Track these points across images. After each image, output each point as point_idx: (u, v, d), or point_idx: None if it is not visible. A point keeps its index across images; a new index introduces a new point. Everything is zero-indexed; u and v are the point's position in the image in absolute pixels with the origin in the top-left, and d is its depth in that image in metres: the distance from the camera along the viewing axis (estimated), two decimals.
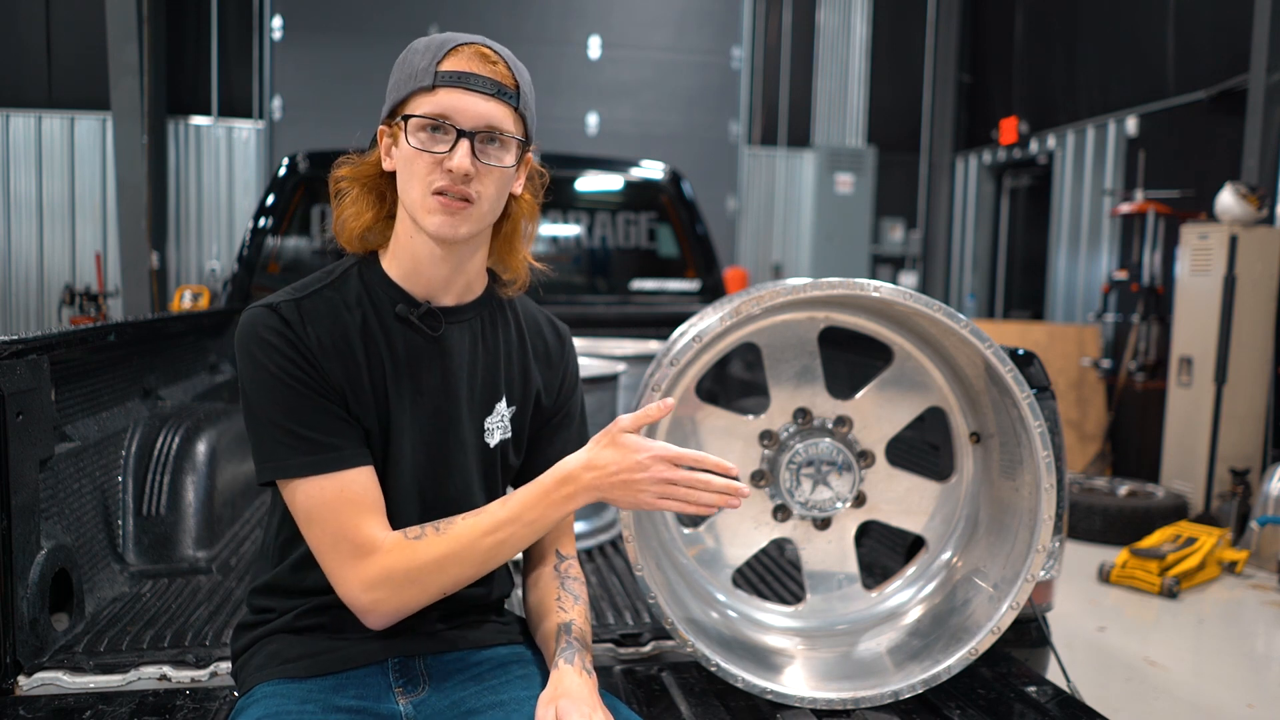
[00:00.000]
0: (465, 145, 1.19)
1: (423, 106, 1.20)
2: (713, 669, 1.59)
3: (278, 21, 8.23)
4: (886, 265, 9.43)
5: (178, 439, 2.32)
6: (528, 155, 1.30)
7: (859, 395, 1.83)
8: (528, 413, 1.40)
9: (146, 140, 7.62)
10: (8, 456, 1.58)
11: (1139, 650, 3.66)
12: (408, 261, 1.29)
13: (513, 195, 1.32)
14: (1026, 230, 8.54)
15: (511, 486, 1.39)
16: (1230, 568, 4.57)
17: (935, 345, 1.80)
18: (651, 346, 3.25)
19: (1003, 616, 1.62)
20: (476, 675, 1.29)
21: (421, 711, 1.25)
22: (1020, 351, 1.78)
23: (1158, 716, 3.13)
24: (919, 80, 9.39)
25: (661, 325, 3.53)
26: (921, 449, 2.08)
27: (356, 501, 1.19)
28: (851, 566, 1.87)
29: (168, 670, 1.66)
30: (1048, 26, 7.84)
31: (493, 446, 1.35)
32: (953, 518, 1.87)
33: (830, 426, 1.82)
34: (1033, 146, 7.89)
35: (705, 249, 4.11)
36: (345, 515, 1.18)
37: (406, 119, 1.21)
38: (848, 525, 1.86)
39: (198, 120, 8.23)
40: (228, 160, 8.29)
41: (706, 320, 1.68)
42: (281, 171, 3.79)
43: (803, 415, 1.82)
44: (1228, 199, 5.09)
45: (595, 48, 8.72)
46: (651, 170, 4.22)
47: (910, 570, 1.89)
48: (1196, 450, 5.23)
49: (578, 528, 2.51)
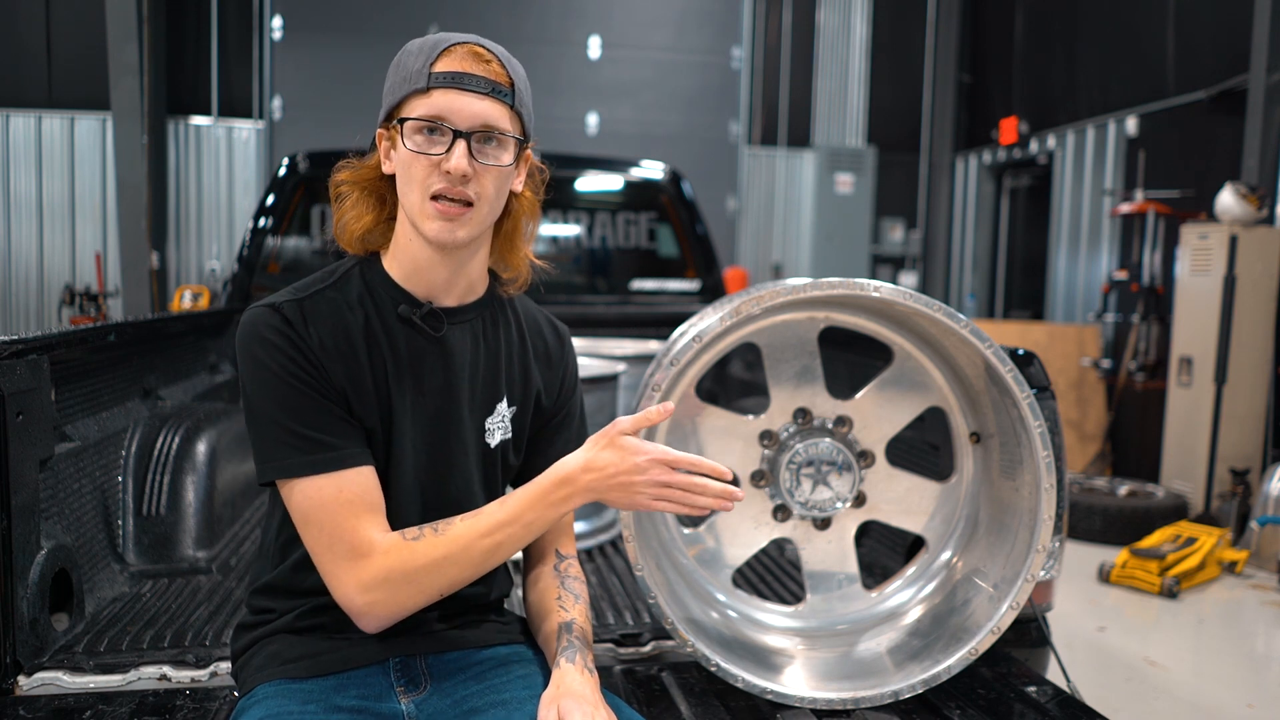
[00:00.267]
0: (462, 146, 1.19)
1: (418, 109, 1.20)
2: (713, 669, 1.59)
3: (278, 21, 8.23)
4: (886, 265, 9.43)
5: (178, 439, 2.32)
6: (527, 153, 1.30)
7: (859, 395, 1.83)
8: (528, 413, 1.40)
9: (146, 140, 7.62)
10: (8, 456, 1.58)
11: (1139, 650, 3.66)
12: (408, 263, 1.29)
13: (513, 193, 1.32)
14: (1026, 230, 8.54)
15: (511, 486, 1.39)
16: (1230, 568, 4.57)
17: (935, 345, 1.80)
18: (651, 346, 3.25)
19: (1003, 616, 1.62)
20: (478, 674, 1.29)
21: (423, 711, 1.25)
22: (1020, 351, 1.78)
23: (1158, 716, 3.13)
24: (919, 80, 9.39)
25: (661, 325, 3.53)
26: (921, 449, 2.08)
27: (354, 502, 1.19)
28: (851, 566, 1.87)
29: (168, 670, 1.66)
30: (1048, 26, 7.84)
31: (493, 447, 1.35)
32: (953, 518, 1.87)
33: (830, 426, 1.81)
34: (1033, 146, 7.89)
35: (705, 249, 4.11)
36: (342, 516, 1.18)
37: (402, 122, 1.21)
38: (848, 525, 1.86)
39: (198, 120, 8.23)
40: (228, 160, 8.29)
41: (706, 320, 1.67)
42: (281, 171, 3.79)
43: (803, 415, 1.82)
44: (1228, 199, 5.09)
45: (595, 48, 8.72)
46: (651, 170, 4.22)
47: (910, 570, 1.89)
48: (1196, 450, 5.23)
49: (578, 528, 2.51)
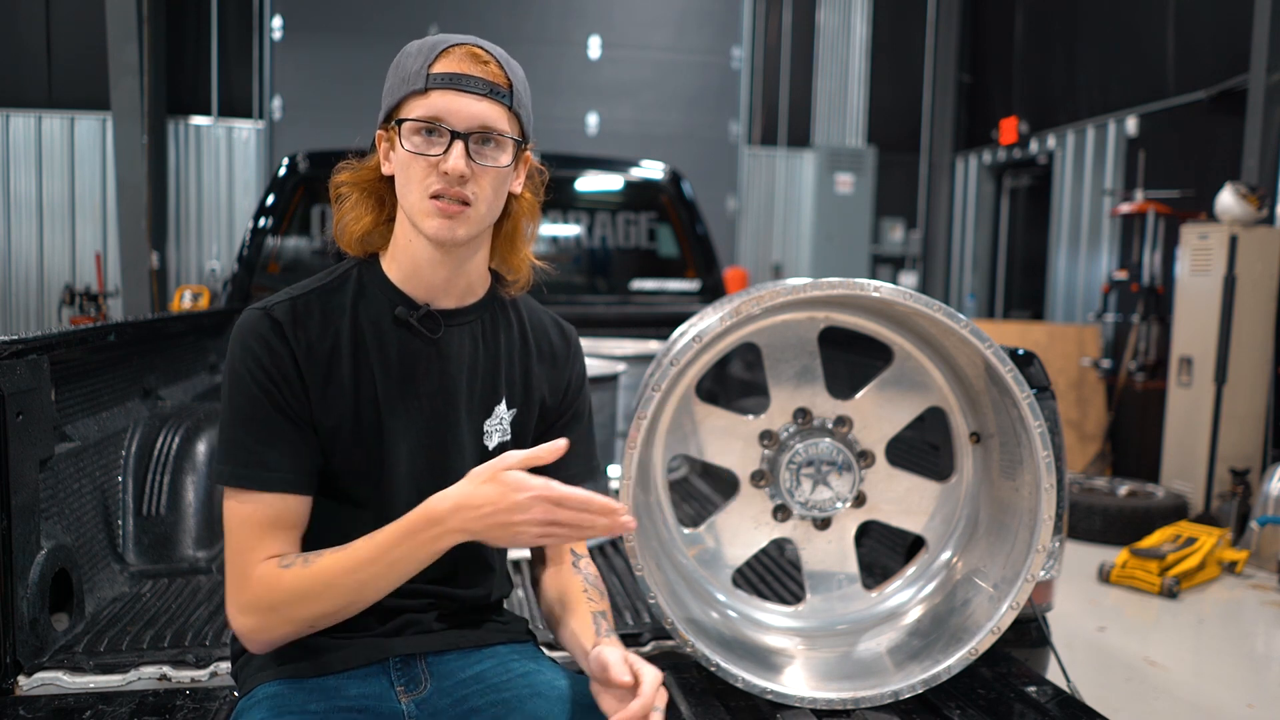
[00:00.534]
0: (460, 147, 1.19)
1: (416, 110, 1.21)
2: (713, 669, 1.59)
3: (278, 21, 8.23)
4: (886, 265, 9.43)
5: (178, 439, 2.32)
6: (526, 154, 1.30)
7: (859, 395, 1.83)
8: (529, 415, 1.39)
9: (146, 140, 7.62)
10: (8, 456, 1.58)
11: (1139, 650, 3.66)
12: (407, 264, 1.29)
13: (513, 194, 1.31)
14: (1026, 230, 8.54)
15: None
16: (1230, 568, 4.57)
17: (935, 345, 1.80)
18: (651, 346, 3.25)
19: (1003, 616, 1.62)
20: (478, 674, 1.29)
21: (424, 710, 1.25)
22: (1020, 351, 1.78)
23: (1158, 716, 3.13)
24: (919, 80, 9.39)
25: (661, 325, 3.52)
26: (921, 449, 2.07)
27: (263, 525, 1.19)
28: (851, 566, 1.87)
29: (168, 670, 1.66)
30: (1048, 26, 7.83)
31: (491, 449, 1.34)
32: (953, 518, 1.87)
33: (830, 426, 1.81)
34: (1033, 146, 7.89)
35: (705, 249, 4.11)
36: (246, 535, 1.18)
37: (401, 123, 1.21)
38: (848, 525, 1.85)
39: (198, 120, 8.23)
40: (228, 160, 8.29)
41: (706, 320, 1.68)
42: (281, 171, 3.79)
43: (803, 415, 1.82)
44: (1228, 199, 5.09)
45: (595, 48, 8.72)
46: (651, 170, 4.22)
47: (910, 570, 1.89)
48: (1196, 450, 5.23)
49: None
